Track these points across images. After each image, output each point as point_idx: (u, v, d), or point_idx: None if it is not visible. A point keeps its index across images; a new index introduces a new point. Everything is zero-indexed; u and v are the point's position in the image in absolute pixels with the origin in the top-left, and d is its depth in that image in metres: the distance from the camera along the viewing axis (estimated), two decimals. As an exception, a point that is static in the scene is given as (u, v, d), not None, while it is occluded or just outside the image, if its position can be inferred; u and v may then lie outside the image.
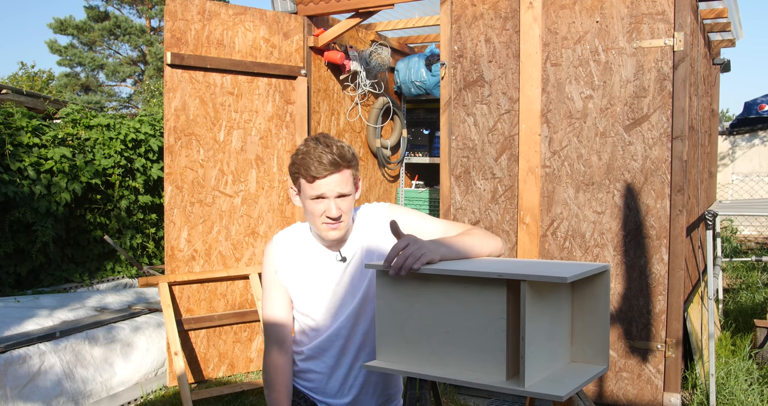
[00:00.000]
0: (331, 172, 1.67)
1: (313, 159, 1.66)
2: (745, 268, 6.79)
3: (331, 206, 1.69)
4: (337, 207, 1.70)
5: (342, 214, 1.72)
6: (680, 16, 2.96)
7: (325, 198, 1.70)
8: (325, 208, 1.70)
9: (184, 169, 3.77)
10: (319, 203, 1.70)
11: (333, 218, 1.71)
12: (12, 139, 4.77)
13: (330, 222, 1.72)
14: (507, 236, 3.37)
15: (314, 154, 1.66)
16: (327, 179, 1.68)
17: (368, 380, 1.85)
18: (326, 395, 1.86)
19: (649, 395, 3.09)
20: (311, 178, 1.68)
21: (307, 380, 1.88)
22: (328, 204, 1.70)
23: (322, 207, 1.70)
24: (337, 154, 1.67)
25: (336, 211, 1.70)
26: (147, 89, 16.35)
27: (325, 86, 4.47)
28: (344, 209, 1.72)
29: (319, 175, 1.67)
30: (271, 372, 1.81)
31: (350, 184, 1.72)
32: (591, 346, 1.53)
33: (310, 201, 1.71)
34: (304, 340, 1.88)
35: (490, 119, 3.38)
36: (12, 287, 4.85)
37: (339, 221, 1.72)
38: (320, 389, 1.87)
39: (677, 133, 3.00)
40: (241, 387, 3.62)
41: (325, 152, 1.66)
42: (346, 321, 1.81)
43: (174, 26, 3.72)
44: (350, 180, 1.72)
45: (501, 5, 3.33)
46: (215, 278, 3.88)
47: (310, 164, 1.66)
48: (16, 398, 2.96)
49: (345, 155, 1.69)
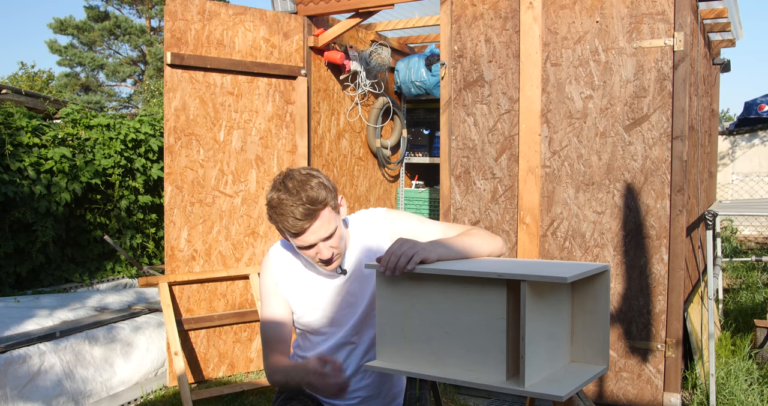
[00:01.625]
0: (311, 223, 1.64)
1: (287, 215, 1.62)
2: (745, 268, 6.79)
3: (321, 250, 1.70)
4: (328, 248, 1.70)
5: (333, 251, 1.71)
6: (680, 16, 2.96)
7: (314, 245, 1.69)
8: (316, 252, 1.70)
9: (184, 169, 3.77)
10: (308, 250, 1.71)
11: (326, 259, 1.71)
12: (12, 139, 4.77)
13: (324, 262, 1.73)
14: (507, 236, 3.37)
15: (287, 209, 1.62)
16: (309, 231, 1.65)
17: (374, 381, 1.85)
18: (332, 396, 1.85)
19: (649, 395, 3.09)
20: (293, 234, 1.67)
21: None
22: (317, 249, 1.70)
23: (313, 252, 1.71)
24: (308, 201, 1.62)
25: (327, 253, 1.70)
26: (147, 89, 16.35)
27: (325, 86, 4.47)
28: (335, 245, 1.71)
29: (300, 231, 1.65)
30: (276, 367, 1.78)
31: (333, 220, 1.69)
32: (591, 346, 1.53)
33: (299, 249, 1.72)
34: (308, 346, 1.88)
35: (490, 119, 3.38)
36: (12, 287, 4.85)
37: (332, 260, 1.73)
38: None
39: (677, 133, 3.00)
40: (241, 387, 3.62)
41: (296, 205, 1.61)
42: (350, 331, 1.81)
43: (174, 26, 3.72)
44: (331, 217, 1.68)
45: (501, 5, 3.33)
46: (215, 278, 3.88)
47: (286, 222, 1.64)
48: (16, 398, 2.96)
49: (317, 198, 1.63)
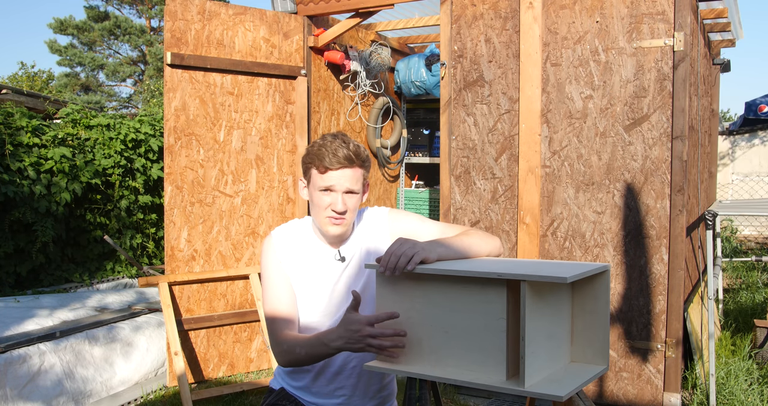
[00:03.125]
0: (344, 166, 1.70)
1: (328, 151, 1.68)
2: (745, 268, 6.79)
3: (338, 199, 1.71)
4: (344, 202, 1.71)
5: (347, 210, 1.72)
6: (680, 16, 2.96)
7: (334, 191, 1.71)
8: (332, 200, 1.71)
9: (184, 169, 3.77)
10: (326, 195, 1.72)
11: (338, 211, 1.71)
12: (12, 139, 4.77)
13: (334, 216, 1.72)
14: (507, 236, 3.37)
15: (330, 147, 1.69)
16: (338, 172, 1.70)
17: (360, 380, 1.83)
18: (316, 394, 1.83)
19: (649, 395, 3.09)
20: (323, 168, 1.70)
21: (296, 380, 1.86)
22: (335, 197, 1.71)
23: (329, 199, 1.72)
24: (353, 151, 1.70)
25: (342, 205, 1.71)
26: (147, 89, 16.35)
27: (325, 86, 4.47)
28: (350, 206, 1.73)
29: (332, 167, 1.69)
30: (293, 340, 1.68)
31: (360, 183, 1.74)
32: (591, 346, 1.53)
33: (317, 192, 1.73)
34: None
35: (490, 119, 3.38)
36: (12, 287, 4.85)
37: (343, 216, 1.73)
38: (308, 388, 1.84)
39: (677, 133, 3.00)
40: (241, 387, 3.62)
41: (341, 146, 1.69)
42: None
43: (174, 26, 3.72)
44: (360, 179, 1.74)
45: (501, 5, 3.33)
46: (215, 278, 3.88)
47: (324, 155, 1.69)
48: (17, 398, 2.96)
49: (360, 154, 1.72)
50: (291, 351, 1.67)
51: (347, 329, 1.54)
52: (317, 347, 1.61)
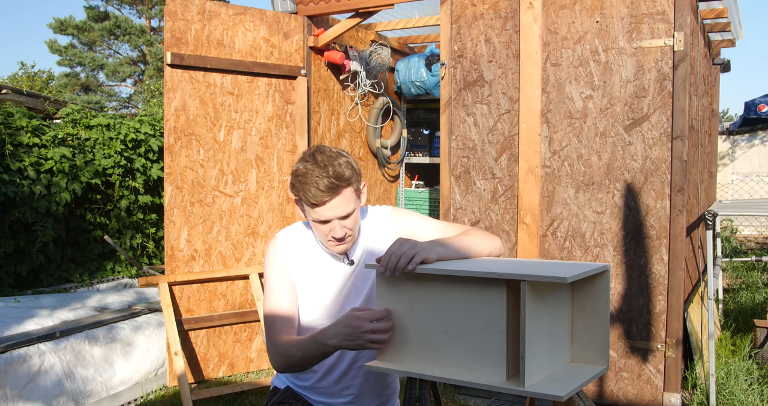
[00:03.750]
0: (331, 197, 1.64)
1: (311, 185, 1.63)
2: (745, 268, 6.79)
3: (335, 227, 1.69)
4: (342, 227, 1.69)
5: (347, 232, 1.71)
6: (680, 16, 2.96)
7: (329, 221, 1.69)
8: (330, 229, 1.70)
9: (184, 169, 3.77)
10: (323, 225, 1.70)
11: (338, 238, 1.71)
12: (12, 139, 4.77)
13: (335, 241, 1.72)
14: (507, 236, 3.37)
15: (311, 179, 1.63)
16: (328, 205, 1.66)
17: (367, 380, 1.84)
18: (323, 394, 1.84)
19: (649, 395, 3.09)
20: (311, 205, 1.67)
21: (302, 380, 1.87)
22: (332, 226, 1.69)
23: (326, 228, 1.70)
24: (333, 176, 1.63)
25: (341, 231, 1.69)
26: (147, 89, 16.34)
27: (325, 86, 4.47)
28: (349, 227, 1.71)
29: (320, 203, 1.65)
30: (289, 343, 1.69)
31: (352, 202, 1.70)
32: (591, 346, 1.53)
33: (313, 222, 1.72)
34: None
35: (490, 119, 3.38)
36: (12, 287, 4.85)
37: (344, 240, 1.72)
38: (315, 388, 1.85)
39: (677, 133, 3.00)
40: (241, 387, 3.62)
41: (321, 177, 1.62)
42: None
43: (174, 26, 3.72)
44: (352, 198, 1.69)
45: (501, 5, 3.33)
46: (215, 278, 3.88)
47: (308, 191, 1.64)
48: (17, 398, 2.96)
49: (342, 175, 1.65)
50: (286, 353, 1.66)
51: (347, 325, 1.52)
52: (313, 346, 1.60)
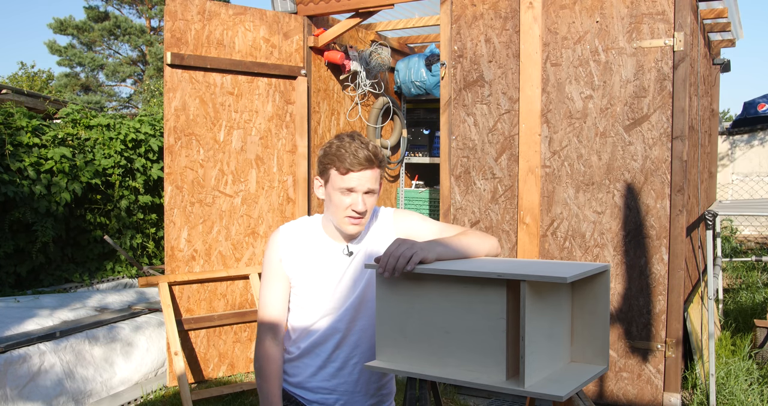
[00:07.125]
0: (365, 168, 1.73)
1: (349, 152, 1.72)
2: (745, 268, 6.79)
3: (358, 200, 1.74)
4: (364, 202, 1.75)
5: (366, 209, 1.77)
6: (680, 16, 2.96)
7: (355, 192, 1.75)
8: (353, 201, 1.75)
9: (184, 169, 3.77)
10: (346, 195, 1.75)
11: (358, 212, 1.75)
12: (12, 139, 4.77)
13: (353, 216, 1.76)
14: (507, 236, 3.37)
15: (350, 148, 1.72)
16: (360, 174, 1.73)
17: (361, 377, 1.84)
18: (316, 391, 1.84)
19: (649, 395, 3.09)
20: (345, 170, 1.73)
21: (293, 375, 1.87)
22: (356, 198, 1.75)
23: (349, 200, 1.75)
24: (372, 151, 1.75)
25: (362, 205, 1.75)
26: (147, 89, 16.35)
27: (325, 86, 4.47)
28: (368, 206, 1.77)
29: (353, 169, 1.72)
30: (264, 361, 1.82)
31: (378, 183, 1.79)
32: (591, 346, 1.53)
33: (337, 193, 1.76)
34: (299, 333, 1.87)
35: (490, 119, 3.38)
36: (12, 287, 4.85)
37: (362, 216, 1.77)
38: (306, 384, 1.85)
39: (677, 133, 3.00)
40: (241, 387, 3.62)
41: (361, 148, 1.73)
42: (345, 315, 1.82)
43: (174, 26, 3.72)
44: (379, 179, 1.79)
45: (501, 5, 3.33)
46: (215, 278, 3.88)
47: (345, 157, 1.72)
48: (17, 398, 2.96)
49: (378, 154, 1.77)
50: (257, 371, 1.83)
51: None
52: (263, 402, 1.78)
